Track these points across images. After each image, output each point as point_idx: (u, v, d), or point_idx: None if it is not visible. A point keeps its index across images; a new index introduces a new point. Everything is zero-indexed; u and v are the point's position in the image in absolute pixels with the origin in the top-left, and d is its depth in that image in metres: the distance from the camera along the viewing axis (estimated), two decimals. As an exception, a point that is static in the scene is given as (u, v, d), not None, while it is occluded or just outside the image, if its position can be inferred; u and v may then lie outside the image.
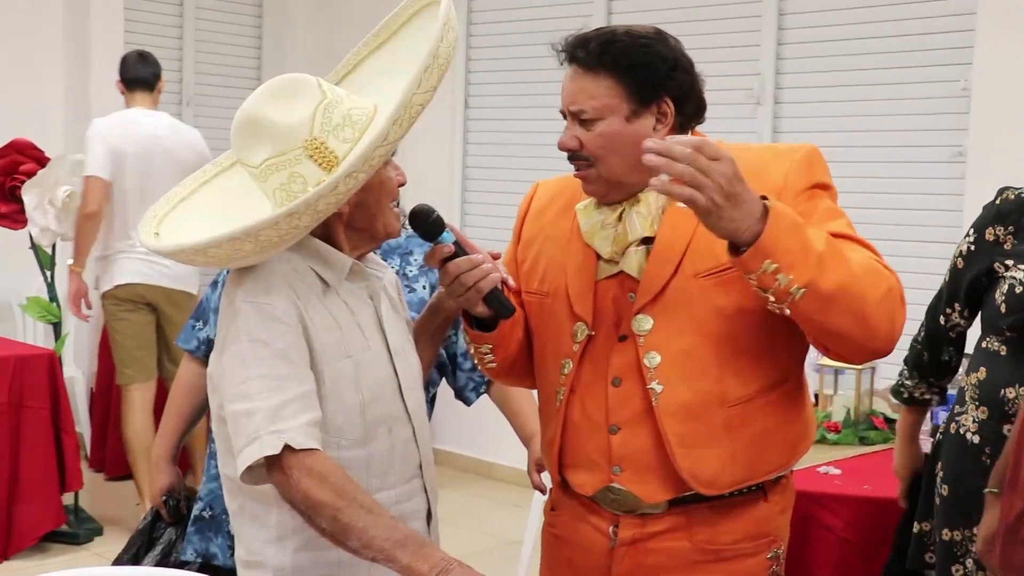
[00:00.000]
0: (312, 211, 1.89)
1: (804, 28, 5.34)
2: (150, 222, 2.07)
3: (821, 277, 1.89)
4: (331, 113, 1.95)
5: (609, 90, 2.05)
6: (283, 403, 1.88)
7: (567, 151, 2.11)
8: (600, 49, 2.05)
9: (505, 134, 6.53)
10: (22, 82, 6.42)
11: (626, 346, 2.10)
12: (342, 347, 2.00)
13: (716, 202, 1.84)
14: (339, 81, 2.14)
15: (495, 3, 6.55)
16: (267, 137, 1.94)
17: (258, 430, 1.86)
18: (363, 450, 2.02)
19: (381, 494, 2.01)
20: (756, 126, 5.40)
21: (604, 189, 2.12)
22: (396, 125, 1.89)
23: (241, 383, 1.91)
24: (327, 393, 1.97)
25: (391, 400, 2.07)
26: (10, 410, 4.89)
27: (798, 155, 2.09)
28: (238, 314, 1.95)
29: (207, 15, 7.13)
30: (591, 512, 2.20)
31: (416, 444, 2.12)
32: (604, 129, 2.06)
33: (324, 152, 1.94)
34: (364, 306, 2.09)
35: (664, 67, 2.06)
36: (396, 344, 2.12)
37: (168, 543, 2.94)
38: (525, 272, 2.27)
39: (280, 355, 1.91)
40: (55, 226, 5.02)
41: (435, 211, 2.09)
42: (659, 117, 2.07)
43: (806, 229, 1.91)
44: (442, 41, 1.90)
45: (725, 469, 2.08)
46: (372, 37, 2.14)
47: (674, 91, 2.07)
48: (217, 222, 1.99)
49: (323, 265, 2.03)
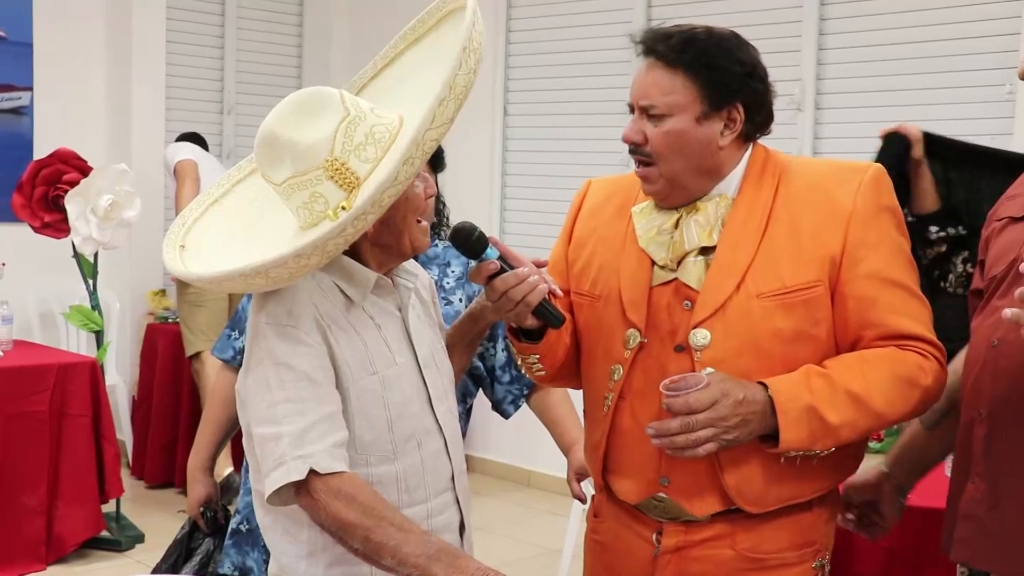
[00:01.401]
0: (320, 252, 1.86)
1: (845, 33, 5.31)
2: (178, 231, 2.06)
3: (843, 437, 2.01)
4: (353, 131, 1.90)
5: (684, 88, 2.03)
6: (308, 426, 1.87)
7: (631, 144, 2.08)
8: (682, 46, 2.03)
9: (544, 141, 6.52)
10: (65, 93, 6.49)
11: (682, 357, 2.07)
12: (368, 364, 1.99)
13: (731, 439, 1.96)
14: (368, 83, 2.11)
15: (534, 11, 6.55)
16: (288, 156, 1.91)
17: (284, 455, 1.86)
18: (392, 466, 2.00)
19: (413, 509, 2.00)
20: (797, 132, 5.37)
21: (666, 190, 2.10)
22: (407, 165, 1.84)
23: (267, 407, 1.90)
24: (354, 411, 1.96)
25: (420, 414, 2.05)
26: (52, 417, 4.93)
27: (866, 177, 2.07)
28: (261, 336, 1.94)
29: (248, 24, 7.18)
30: (634, 519, 2.18)
31: (448, 456, 2.10)
32: (672, 127, 2.04)
33: (345, 173, 1.90)
34: (391, 319, 2.07)
35: (741, 72, 2.04)
36: (425, 355, 2.09)
37: (206, 553, 2.94)
38: (576, 272, 2.24)
39: (304, 377, 1.90)
40: (97, 235, 5.05)
41: (477, 228, 2.05)
42: (728, 123, 2.05)
43: (819, 404, 1.97)
44: (460, 69, 1.84)
45: (771, 489, 2.06)
46: (400, 39, 2.11)
47: (747, 98, 2.05)
48: (240, 241, 1.99)
49: (347, 281, 2.01)
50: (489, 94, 6.59)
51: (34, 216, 5.12)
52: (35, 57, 6.40)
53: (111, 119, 6.62)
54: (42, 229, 5.15)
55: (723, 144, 2.06)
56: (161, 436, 6.18)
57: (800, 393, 1.97)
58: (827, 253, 2.02)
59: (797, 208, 2.06)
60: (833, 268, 2.03)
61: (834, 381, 1.98)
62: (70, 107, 6.49)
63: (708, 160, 2.06)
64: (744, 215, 2.07)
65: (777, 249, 2.04)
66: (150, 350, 6.33)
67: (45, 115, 6.39)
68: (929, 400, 2.06)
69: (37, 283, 6.23)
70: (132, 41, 6.51)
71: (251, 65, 7.21)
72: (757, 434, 1.98)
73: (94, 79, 6.62)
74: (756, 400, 1.96)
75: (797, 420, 1.96)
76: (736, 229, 2.06)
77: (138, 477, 6.24)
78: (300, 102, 1.94)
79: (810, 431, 1.97)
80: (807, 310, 2.02)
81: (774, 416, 1.96)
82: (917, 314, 2.06)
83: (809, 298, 2.02)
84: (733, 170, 2.10)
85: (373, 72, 2.14)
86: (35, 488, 4.88)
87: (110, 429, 5.10)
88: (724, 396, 1.94)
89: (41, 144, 6.06)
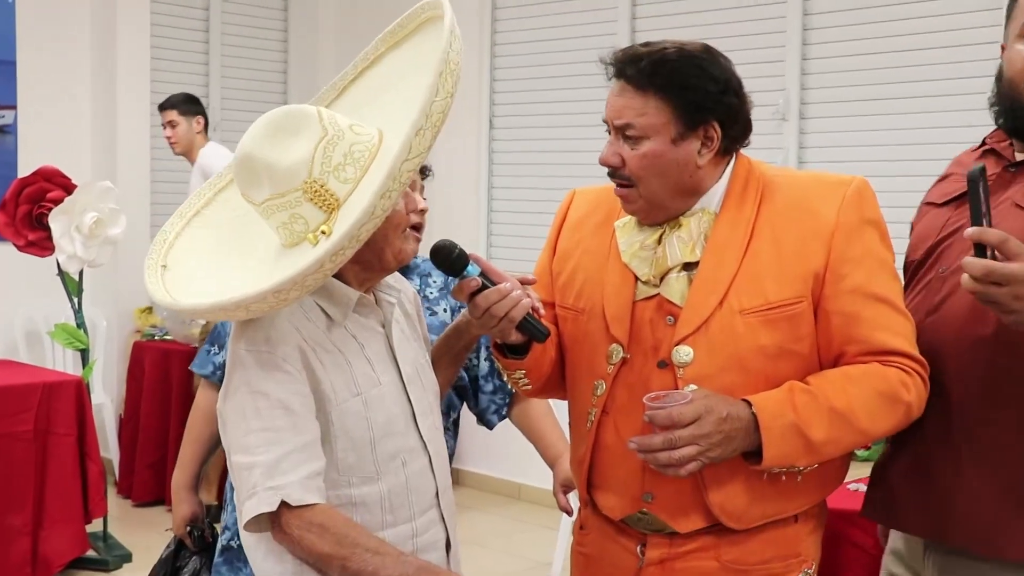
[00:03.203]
0: (300, 287, 1.83)
1: (829, 43, 5.32)
2: (160, 249, 2.04)
3: (827, 454, 2.02)
4: (331, 152, 1.87)
5: (658, 110, 2.01)
6: (282, 456, 1.85)
7: (608, 167, 2.07)
8: (651, 69, 2.01)
9: (530, 154, 6.53)
10: (50, 111, 6.48)
11: (665, 374, 2.06)
12: (352, 384, 1.97)
13: (715, 456, 1.95)
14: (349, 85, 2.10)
15: (519, 24, 6.56)
16: (266, 177, 1.88)
17: (255, 486, 1.84)
18: (376, 486, 1.98)
19: (397, 529, 1.98)
20: (782, 142, 5.38)
21: (646, 210, 2.09)
22: (384, 199, 1.80)
23: (242, 436, 1.88)
24: (336, 432, 1.94)
25: (404, 432, 2.03)
26: (37, 437, 4.90)
27: (850, 191, 2.06)
28: (239, 363, 1.92)
29: (233, 42, 7.18)
30: (619, 531, 2.17)
31: (432, 473, 2.08)
32: (648, 149, 2.02)
33: (324, 194, 1.87)
34: (374, 336, 2.05)
35: (715, 90, 2.02)
36: (409, 372, 2.08)
37: (193, 572, 2.92)
38: (561, 285, 2.23)
39: (280, 405, 1.88)
40: (82, 253, 5.03)
41: (457, 246, 2.04)
42: (705, 141, 2.04)
43: (803, 421, 1.97)
44: (437, 95, 1.81)
45: (754, 506, 2.05)
46: (380, 42, 2.08)
47: (723, 114, 2.04)
48: (225, 257, 1.98)
49: (328, 301, 1.99)
50: (475, 108, 6.59)
51: (18, 235, 5.10)
52: (19, 75, 6.39)
53: (96, 137, 6.61)
54: (26, 247, 5.13)
55: (701, 163, 2.05)
56: (148, 454, 6.16)
57: (784, 410, 1.96)
58: (810, 269, 2.02)
59: (780, 224, 2.05)
60: (817, 284, 2.02)
61: (817, 398, 1.98)
62: (54, 125, 6.47)
63: (687, 179, 2.06)
64: (727, 231, 2.06)
65: (760, 265, 2.03)
66: (137, 367, 6.30)
67: (29, 133, 6.38)
68: (912, 415, 2.05)
69: (22, 302, 6.22)
70: (117, 59, 6.50)
71: (236, 83, 7.21)
72: (741, 451, 1.98)
73: (79, 97, 6.61)
74: (740, 417, 1.95)
75: (781, 437, 1.95)
76: (719, 245, 2.05)
77: (125, 496, 6.21)
78: (277, 122, 1.91)
79: (794, 448, 1.97)
80: (790, 326, 2.01)
81: (757, 433, 1.95)
82: (900, 329, 2.05)
83: (792, 314, 2.01)
84: (715, 185, 2.09)
85: (354, 74, 2.11)
86: (20, 508, 4.84)
87: (95, 448, 5.07)
88: (708, 412, 1.93)
89: (25, 162, 6.05)
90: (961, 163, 2.47)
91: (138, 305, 6.58)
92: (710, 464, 1.98)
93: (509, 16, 6.59)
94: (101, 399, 6.19)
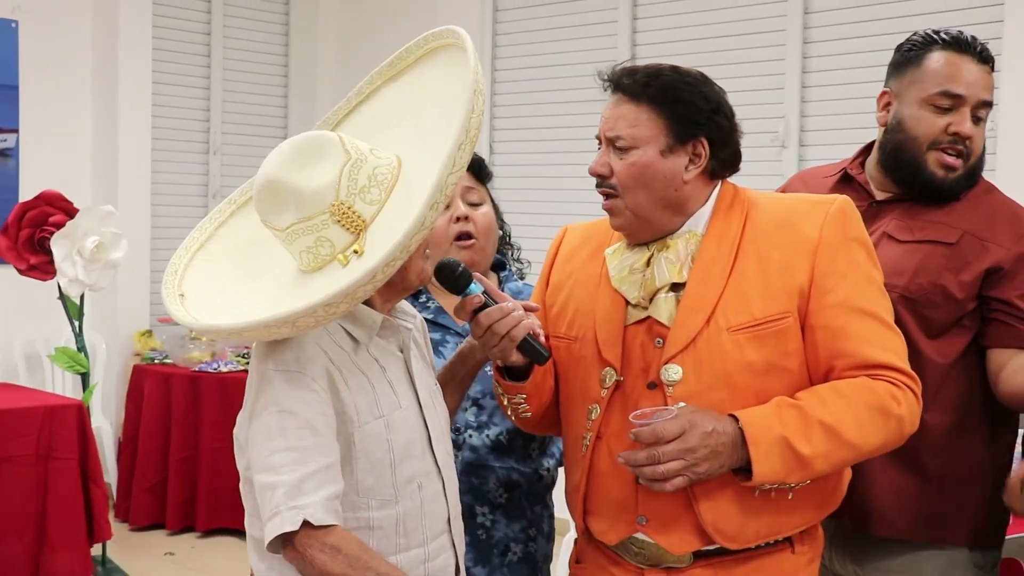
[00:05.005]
0: (350, 299, 1.86)
1: (828, 71, 5.34)
2: (172, 280, 2.05)
3: (817, 469, 1.99)
4: (356, 175, 1.91)
5: (649, 121, 2.05)
6: (305, 476, 1.87)
7: (596, 176, 2.11)
8: (646, 80, 2.07)
9: (530, 179, 6.54)
10: (51, 134, 6.49)
11: (654, 394, 2.07)
12: (374, 407, 1.99)
13: (702, 471, 1.95)
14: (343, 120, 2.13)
15: (519, 50, 6.59)
16: (292, 202, 1.91)
17: (279, 505, 1.86)
18: (393, 510, 1.99)
19: (409, 553, 2.00)
20: (781, 168, 5.39)
21: (631, 223, 2.11)
22: (433, 210, 1.85)
23: (268, 455, 1.90)
24: (358, 454, 1.96)
25: (421, 456, 2.05)
26: (38, 461, 4.89)
27: (832, 209, 2.08)
28: (268, 383, 1.93)
29: (234, 65, 7.20)
30: (615, 564, 2.17)
31: (445, 498, 2.09)
32: (637, 159, 2.06)
33: (351, 216, 1.91)
34: (394, 360, 2.07)
35: (706, 107, 2.06)
36: (425, 397, 2.10)
37: None
38: (554, 316, 2.26)
39: (306, 424, 1.89)
40: (83, 277, 5.03)
41: (461, 264, 2.07)
42: (693, 158, 2.07)
43: (791, 435, 1.96)
44: (473, 112, 1.88)
45: (748, 523, 2.05)
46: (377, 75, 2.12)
47: (712, 133, 2.07)
48: (239, 287, 1.99)
49: (353, 323, 2.01)
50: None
51: (20, 258, 5.10)
52: (21, 99, 6.40)
53: (97, 160, 6.62)
54: (28, 271, 5.13)
55: (688, 179, 2.08)
56: (147, 478, 6.14)
57: (771, 424, 1.97)
58: (795, 284, 2.04)
59: (765, 242, 2.07)
60: (802, 299, 2.03)
61: (806, 412, 1.98)
62: (56, 149, 6.48)
63: (672, 194, 2.08)
64: (713, 250, 2.08)
65: (746, 282, 2.05)
66: (136, 391, 6.30)
67: (31, 157, 6.39)
68: (905, 430, 2.05)
69: (23, 325, 6.21)
70: (118, 82, 6.52)
71: (237, 106, 7.22)
72: (729, 467, 1.98)
73: (80, 121, 6.62)
74: (726, 432, 1.96)
75: (769, 452, 1.96)
76: (705, 264, 2.07)
77: (123, 520, 6.19)
78: (301, 147, 1.94)
79: (783, 462, 1.97)
80: (778, 342, 2.02)
81: (745, 448, 1.95)
82: (889, 343, 2.06)
83: (779, 330, 2.03)
84: (701, 208, 2.12)
85: (348, 108, 2.15)
86: (22, 533, 4.83)
87: (98, 472, 5.05)
88: (692, 427, 1.94)
89: (27, 186, 6.05)
90: (804, 180, 2.68)
91: (137, 328, 6.58)
92: (701, 482, 1.99)
93: (510, 42, 6.63)
94: (100, 422, 6.18)
